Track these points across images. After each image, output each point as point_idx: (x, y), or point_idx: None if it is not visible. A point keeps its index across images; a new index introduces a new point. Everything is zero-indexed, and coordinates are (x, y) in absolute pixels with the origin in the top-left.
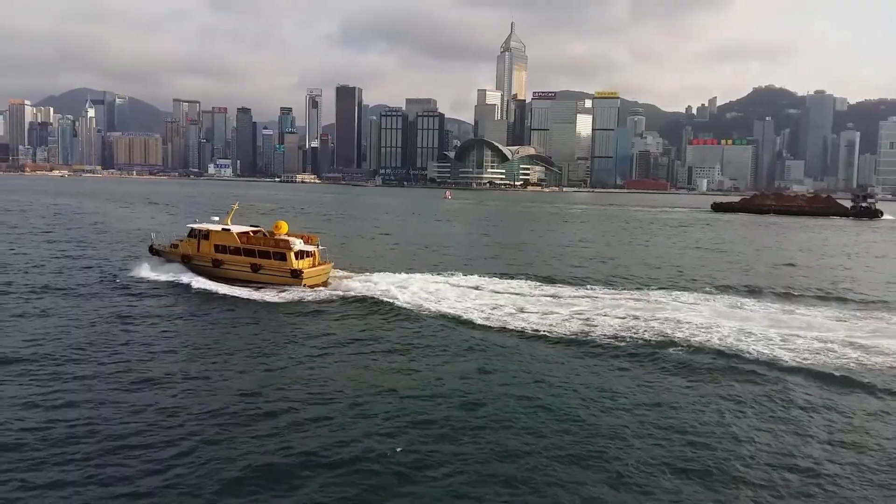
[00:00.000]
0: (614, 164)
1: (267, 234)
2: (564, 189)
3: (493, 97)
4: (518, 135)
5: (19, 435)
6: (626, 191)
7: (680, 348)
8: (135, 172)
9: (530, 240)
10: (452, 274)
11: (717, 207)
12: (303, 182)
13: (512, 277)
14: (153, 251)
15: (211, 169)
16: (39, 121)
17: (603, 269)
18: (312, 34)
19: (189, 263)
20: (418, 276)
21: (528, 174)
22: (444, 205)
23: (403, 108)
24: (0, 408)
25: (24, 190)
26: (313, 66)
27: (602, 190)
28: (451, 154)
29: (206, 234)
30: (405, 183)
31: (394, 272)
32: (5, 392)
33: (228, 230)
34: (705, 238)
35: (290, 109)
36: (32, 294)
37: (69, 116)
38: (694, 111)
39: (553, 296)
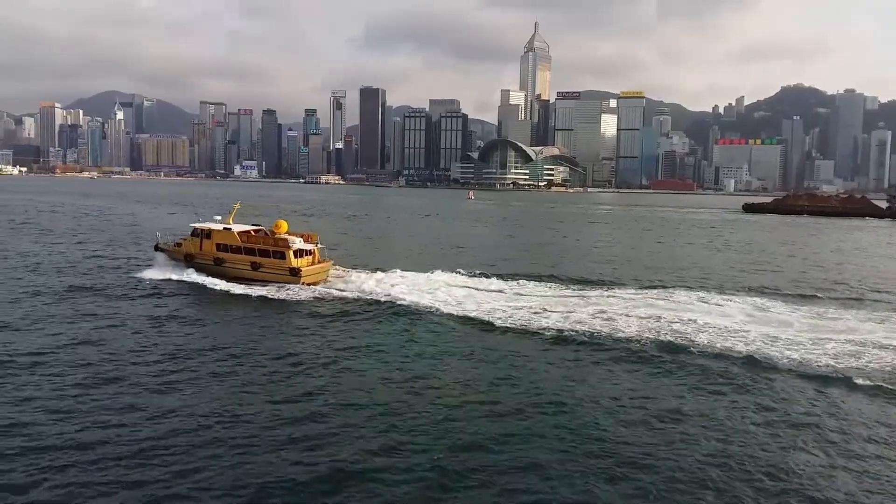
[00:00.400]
0: (639, 165)
1: (268, 233)
2: (589, 189)
3: (517, 97)
4: (542, 135)
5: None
6: (651, 191)
7: (705, 352)
8: (162, 174)
9: (554, 240)
10: (472, 274)
11: (749, 208)
12: (327, 183)
13: (537, 279)
14: (158, 250)
15: (237, 170)
16: (69, 123)
17: (629, 271)
18: (338, 37)
19: (192, 262)
20: (424, 275)
21: (552, 174)
22: (468, 205)
23: (427, 110)
24: None
25: (56, 191)
26: (338, 68)
27: (627, 190)
28: (475, 155)
29: (208, 234)
30: (428, 184)
31: (408, 271)
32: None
33: (230, 229)
34: (736, 239)
35: (314, 111)
36: (35, 291)
37: (98, 119)
38: (721, 111)
39: (577, 296)
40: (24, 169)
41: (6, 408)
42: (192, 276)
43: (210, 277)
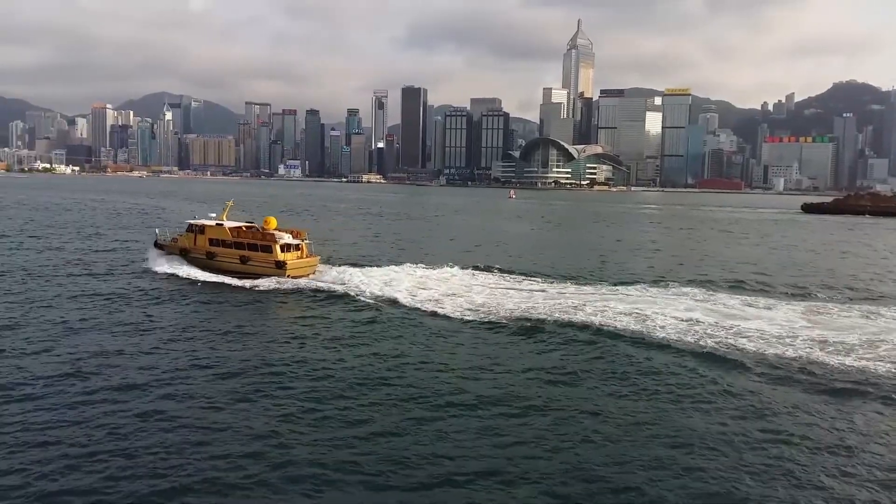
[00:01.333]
0: (685, 163)
1: (259, 229)
2: (632, 188)
3: (559, 96)
4: (584, 133)
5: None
6: (697, 190)
7: (753, 356)
8: (209, 173)
9: (597, 240)
10: (489, 269)
11: (808, 208)
12: (368, 182)
13: (572, 279)
14: (157, 245)
15: (281, 169)
16: (120, 124)
17: (677, 271)
18: (381, 37)
19: (187, 256)
20: (422, 271)
21: (594, 173)
22: (509, 204)
23: (468, 109)
24: None
25: (111, 190)
26: (380, 68)
27: (672, 189)
28: (516, 153)
29: (201, 229)
30: (469, 183)
31: (423, 265)
32: None
33: (221, 225)
34: (798, 240)
35: (356, 111)
36: (32, 274)
37: (148, 119)
38: (770, 108)
39: (614, 295)
40: (76, 168)
41: None
42: (185, 269)
43: (202, 271)
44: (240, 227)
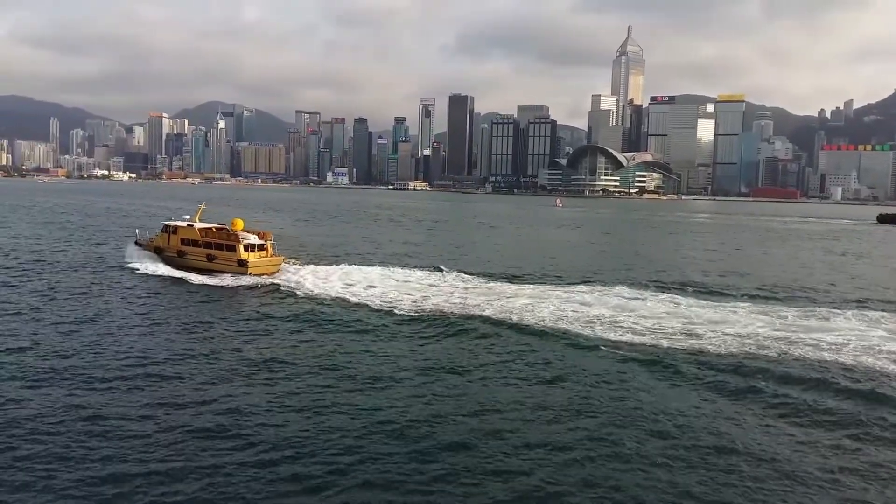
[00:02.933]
0: (738, 171)
1: (229, 230)
2: (683, 197)
3: (608, 103)
4: (634, 141)
5: None
6: (751, 199)
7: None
8: (259, 180)
9: (650, 249)
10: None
11: (884, 219)
12: (414, 189)
13: (630, 284)
14: (137, 244)
15: (329, 177)
16: (175, 132)
17: (738, 283)
18: (430, 45)
19: (161, 254)
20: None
21: (643, 181)
22: (555, 213)
23: (515, 116)
24: None
25: (174, 197)
26: (428, 76)
27: (724, 198)
28: (563, 161)
29: (174, 230)
30: (515, 190)
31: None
32: None
33: (192, 226)
34: (874, 252)
35: (403, 119)
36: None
37: (202, 128)
38: (828, 114)
39: (665, 306)
40: (133, 175)
41: None
42: (157, 266)
43: (171, 267)
44: (209, 229)
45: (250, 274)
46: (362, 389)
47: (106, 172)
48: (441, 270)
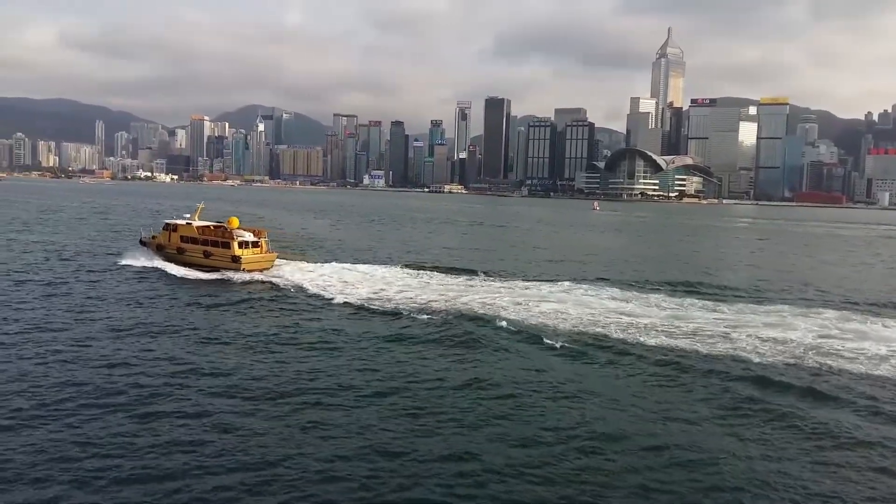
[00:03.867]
0: (781, 175)
1: (225, 228)
2: (724, 201)
3: (647, 105)
4: (673, 144)
5: None
6: (795, 204)
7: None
8: (297, 182)
9: (692, 253)
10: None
11: None
12: (450, 192)
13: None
14: (141, 242)
15: (365, 179)
16: (216, 135)
17: (783, 291)
18: (468, 49)
19: (162, 251)
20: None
21: (683, 185)
22: (593, 216)
23: (552, 119)
24: None
25: (223, 198)
26: (466, 79)
27: (767, 203)
28: (601, 164)
29: (174, 228)
30: (552, 194)
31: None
32: None
33: (191, 224)
34: None
35: (440, 122)
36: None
37: (242, 131)
38: (875, 118)
39: (710, 312)
40: (175, 177)
41: None
42: (158, 262)
43: (171, 263)
44: (207, 227)
45: (243, 269)
46: (319, 386)
47: (149, 174)
48: (476, 273)
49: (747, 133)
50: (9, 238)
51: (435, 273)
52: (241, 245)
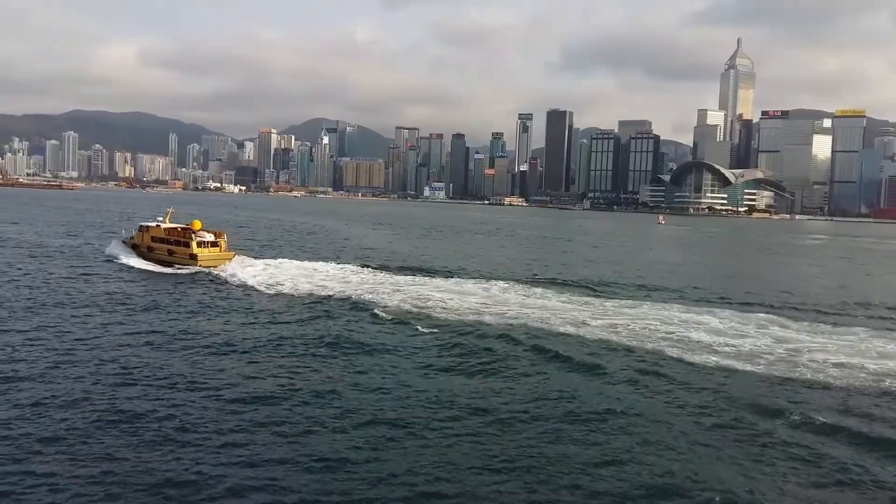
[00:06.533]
0: (858, 191)
1: (189, 230)
2: (797, 217)
3: (716, 117)
4: (742, 157)
5: None
6: (872, 220)
7: None
8: (360, 194)
9: (766, 271)
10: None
11: None
12: (510, 205)
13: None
14: (123, 242)
15: (426, 191)
16: (283, 147)
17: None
18: (535, 62)
19: (136, 249)
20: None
21: (753, 199)
22: (659, 230)
23: (615, 131)
24: None
25: (292, 210)
26: (530, 92)
27: (842, 219)
28: (666, 177)
29: (147, 229)
30: (614, 207)
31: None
32: None
33: (160, 226)
34: None
35: (501, 134)
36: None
37: (307, 143)
38: None
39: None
40: (243, 188)
41: None
42: (130, 258)
43: (141, 259)
44: (175, 228)
45: (200, 266)
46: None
47: (218, 185)
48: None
49: (821, 146)
50: None
51: (550, 291)
52: (199, 244)
